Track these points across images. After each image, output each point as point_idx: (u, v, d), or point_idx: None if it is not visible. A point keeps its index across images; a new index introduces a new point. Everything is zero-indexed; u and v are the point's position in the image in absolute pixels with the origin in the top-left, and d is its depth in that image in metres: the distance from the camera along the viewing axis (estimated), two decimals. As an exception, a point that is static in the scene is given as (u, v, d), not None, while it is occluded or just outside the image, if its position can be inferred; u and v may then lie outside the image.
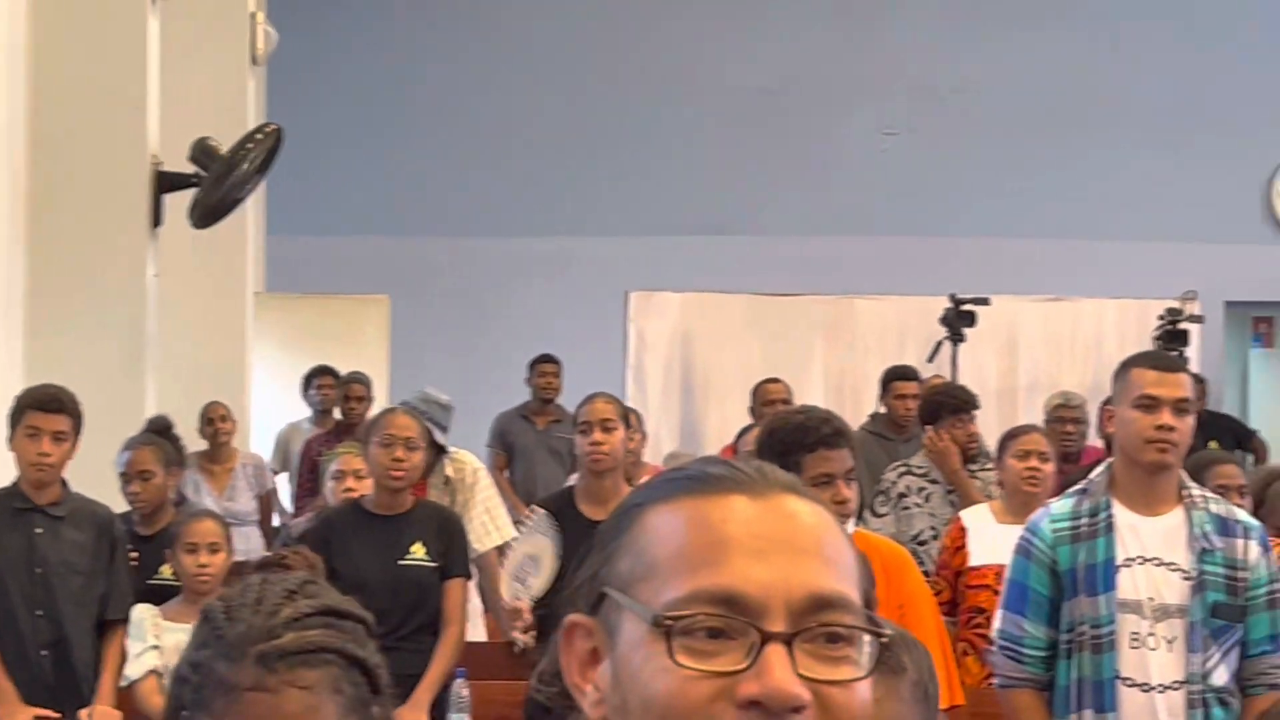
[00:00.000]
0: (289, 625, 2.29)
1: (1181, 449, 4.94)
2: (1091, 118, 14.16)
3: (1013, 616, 4.95)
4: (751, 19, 14.29)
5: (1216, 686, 4.84)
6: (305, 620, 2.31)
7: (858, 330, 14.10)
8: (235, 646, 2.28)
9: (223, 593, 2.47)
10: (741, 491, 1.50)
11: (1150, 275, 13.76)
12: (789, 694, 1.41)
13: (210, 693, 2.29)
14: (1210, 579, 4.83)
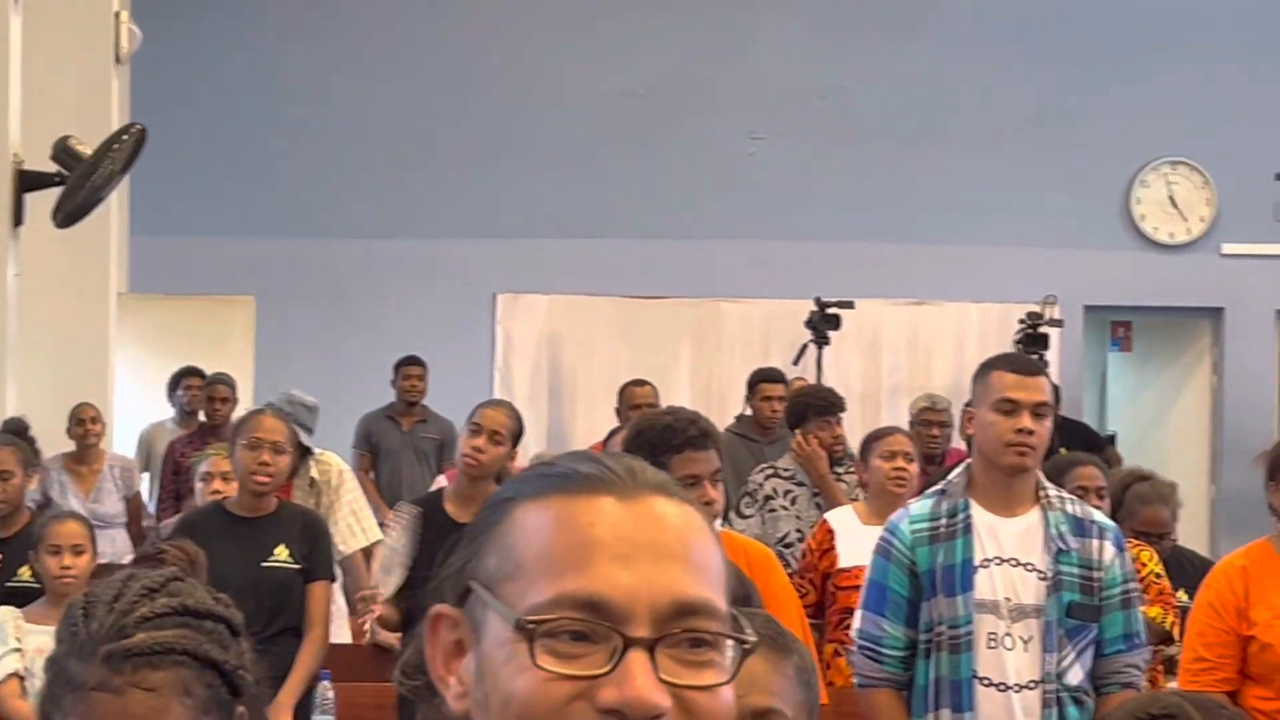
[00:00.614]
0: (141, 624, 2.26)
1: (1039, 452, 4.98)
2: (954, 126, 14.27)
3: (872, 617, 4.97)
4: (618, 24, 14.28)
5: (1071, 685, 4.89)
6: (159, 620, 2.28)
7: (724, 333, 14.13)
8: (86, 644, 2.25)
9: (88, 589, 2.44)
10: (610, 492, 1.49)
11: (1011, 280, 13.90)
12: (648, 703, 1.41)
13: (60, 690, 2.26)
14: (1066, 579, 4.88)
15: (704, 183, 14.27)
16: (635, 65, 14.28)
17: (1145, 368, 15.32)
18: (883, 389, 13.79)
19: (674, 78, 14.32)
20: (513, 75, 14.19)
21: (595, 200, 14.22)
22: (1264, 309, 14.61)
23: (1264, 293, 14.48)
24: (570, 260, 14.08)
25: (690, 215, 14.23)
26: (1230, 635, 5.49)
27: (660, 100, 14.28)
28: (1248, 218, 14.17)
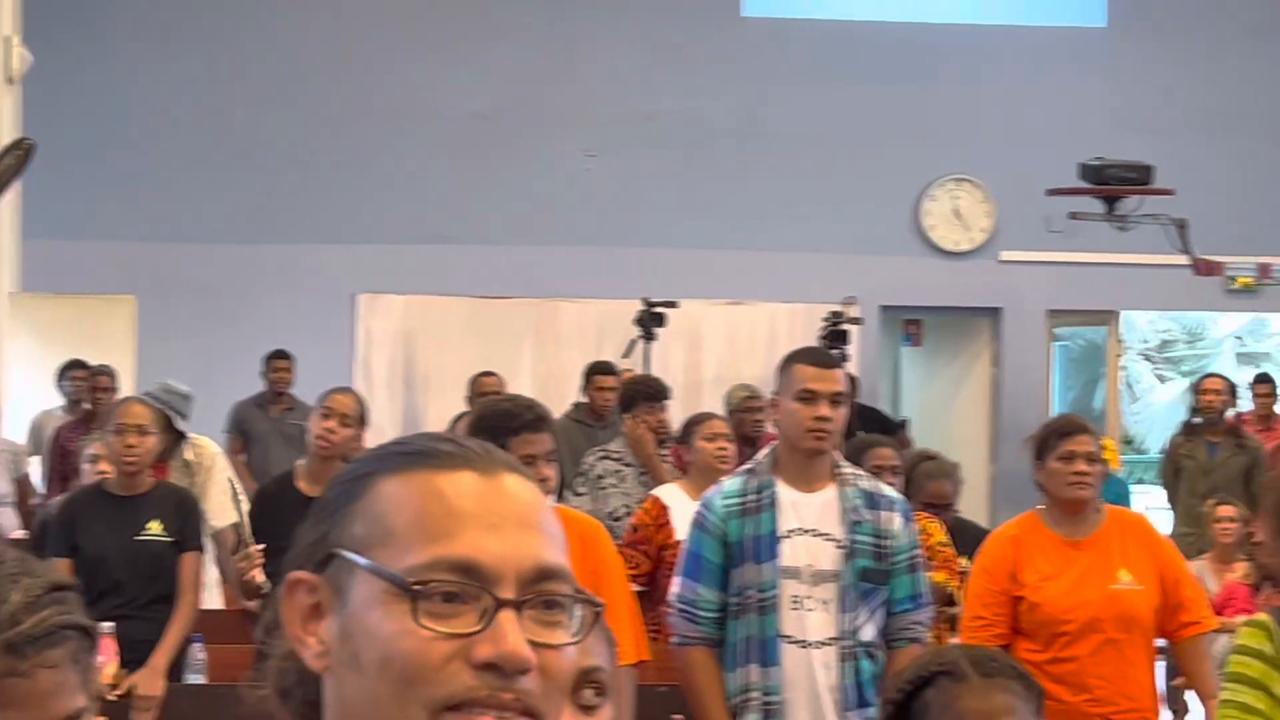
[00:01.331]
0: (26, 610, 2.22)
1: (835, 436, 5.02)
2: (764, 143, 14.34)
3: (689, 582, 4.98)
4: (466, 51, 14.23)
5: (865, 642, 4.93)
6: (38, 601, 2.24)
7: (562, 330, 14.11)
8: None
9: None
10: (470, 468, 1.47)
11: (815, 282, 13.98)
12: (520, 656, 1.40)
13: None
14: (860, 547, 4.92)
15: (544, 194, 14.26)
16: (481, 88, 14.23)
17: (933, 361, 15.47)
18: (703, 380, 13.82)
19: (516, 100, 14.29)
20: (373, 97, 14.10)
21: (447, 209, 14.15)
22: (1036, 309, 14.81)
23: (1036, 295, 14.68)
24: (424, 264, 14.01)
25: (532, 224, 14.21)
26: (1003, 596, 5.57)
27: (504, 120, 14.25)
28: (1023, 228, 14.34)
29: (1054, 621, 5.48)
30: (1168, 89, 14.57)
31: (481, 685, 1.40)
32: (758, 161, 14.32)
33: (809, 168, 14.36)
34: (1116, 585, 5.51)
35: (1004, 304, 14.75)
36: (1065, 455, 5.53)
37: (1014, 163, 14.18)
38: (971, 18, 14.60)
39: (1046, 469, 5.59)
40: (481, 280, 14.04)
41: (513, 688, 1.40)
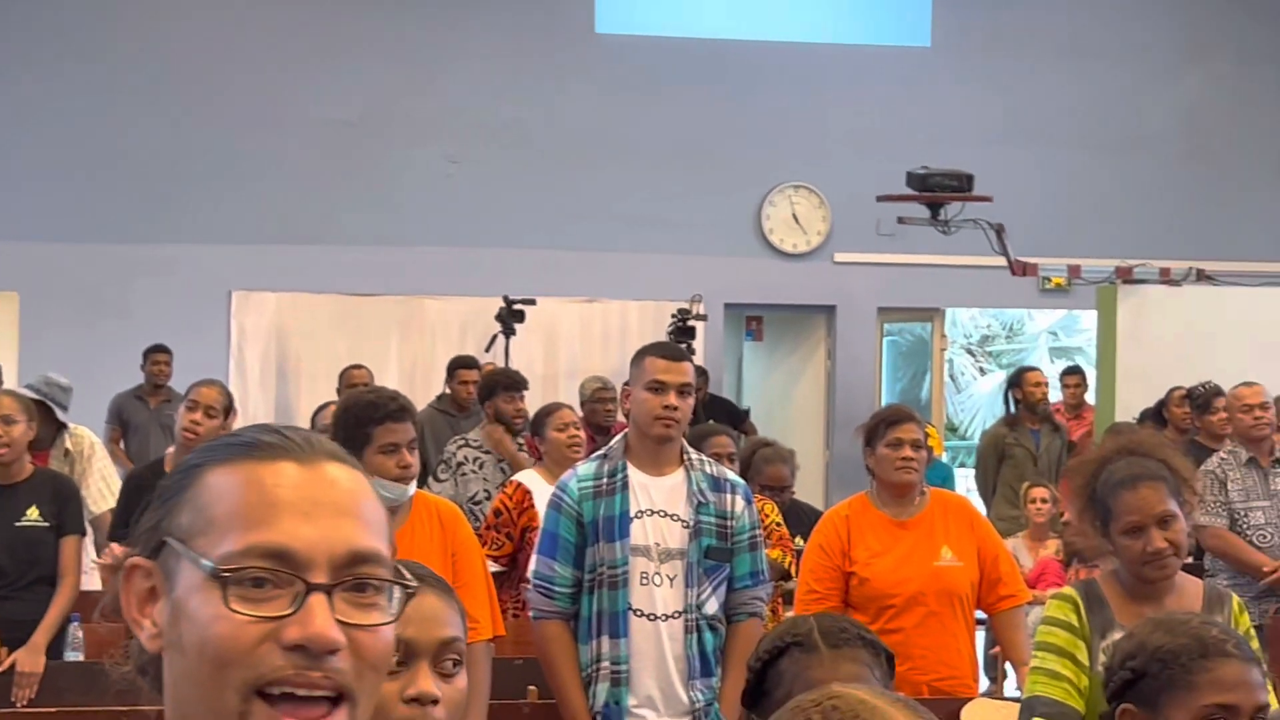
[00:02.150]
0: None
1: (683, 424, 5.04)
2: (617, 151, 14.36)
3: (546, 560, 4.98)
4: (337, 61, 14.11)
5: (708, 615, 4.96)
6: None
7: (426, 325, 14.06)
8: None
9: None
10: (291, 458, 1.46)
11: (665, 282, 14.02)
12: (326, 638, 1.39)
13: None
14: (705, 527, 4.95)
15: (409, 197, 14.19)
16: (350, 98, 14.13)
17: (773, 354, 15.58)
18: (559, 373, 13.83)
19: (382, 109, 14.21)
20: (247, 104, 13.95)
21: (317, 211, 14.03)
22: (868, 307, 14.96)
23: (867, 293, 14.83)
24: (295, 263, 13.88)
25: (398, 225, 14.13)
26: (836, 571, 5.64)
27: (371, 128, 14.17)
28: (855, 232, 14.49)
29: (882, 595, 5.55)
30: (986, 104, 14.79)
31: (289, 665, 1.39)
32: (610, 168, 14.34)
33: (658, 175, 14.41)
34: (939, 562, 5.59)
35: (838, 302, 14.87)
36: (893, 442, 5.60)
37: (847, 171, 14.30)
38: (809, 37, 14.70)
39: (876, 454, 5.66)
40: (350, 278, 13.96)
41: (321, 667, 1.40)
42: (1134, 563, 3.89)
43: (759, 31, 14.62)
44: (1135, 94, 15.04)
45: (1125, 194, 14.90)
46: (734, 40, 14.59)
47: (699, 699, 4.91)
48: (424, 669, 2.50)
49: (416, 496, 4.77)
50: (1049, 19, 14.97)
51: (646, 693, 4.88)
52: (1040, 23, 14.95)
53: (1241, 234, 14.99)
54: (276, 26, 14.12)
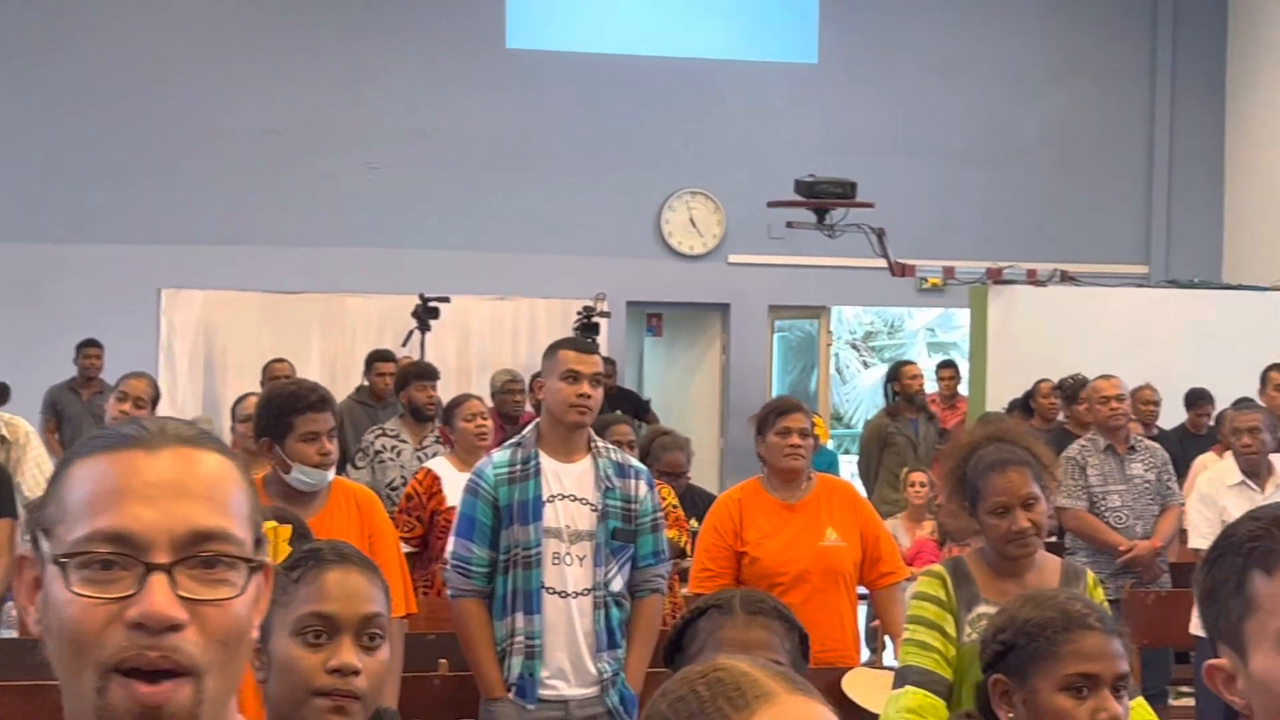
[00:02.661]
0: None
1: (594, 412, 5.05)
2: (528, 158, 14.36)
3: (463, 542, 4.97)
4: (263, 72, 14.00)
5: (614, 592, 4.98)
6: None
7: (347, 322, 13.99)
8: None
9: None
10: (141, 447, 1.46)
11: (571, 281, 14.04)
12: (162, 615, 1.38)
13: None
14: (611, 510, 4.97)
15: (332, 201, 14.12)
16: (275, 106, 14.03)
17: (672, 349, 15.62)
18: (472, 366, 13.81)
19: (306, 118, 14.12)
20: (178, 111, 13.81)
21: (243, 213, 13.93)
22: (760, 305, 15.05)
23: (759, 292, 14.91)
24: (222, 262, 13.78)
25: (320, 227, 14.06)
26: (728, 551, 5.66)
27: (295, 135, 14.08)
28: (748, 235, 14.57)
29: (771, 573, 5.56)
30: (869, 117, 14.92)
31: (131, 645, 1.39)
32: (521, 175, 14.33)
33: (565, 181, 14.42)
34: (824, 542, 5.62)
35: (732, 300, 14.94)
36: (782, 430, 5.63)
37: (740, 179, 14.38)
38: (705, 54, 14.76)
39: (766, 442, 5.69)
40: (274, 277, 13.87)
41: (160, 645, 1.39)
42: (999, 541, 3.95)
43: (659, 48, 14.67)
44: (1006, 110, 15.24)
45: (996, 201, 15.10)
46: (635, 56, 14.62)
47: (606, 670, 4.93)
48: (346, 642, 2.53)
49: (335, 483, 4.70)
50: (928, 40, 15.13)
51: (558, 665, 4.90)
52: (920, 43, 15.11)
53: (1101, 238, 15.25)
54: (208, 38, 13.99)
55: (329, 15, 14.22)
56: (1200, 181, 15.48)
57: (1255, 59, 15.03)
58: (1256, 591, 1.64)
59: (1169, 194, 15.52)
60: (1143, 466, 8.02)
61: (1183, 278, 13.96)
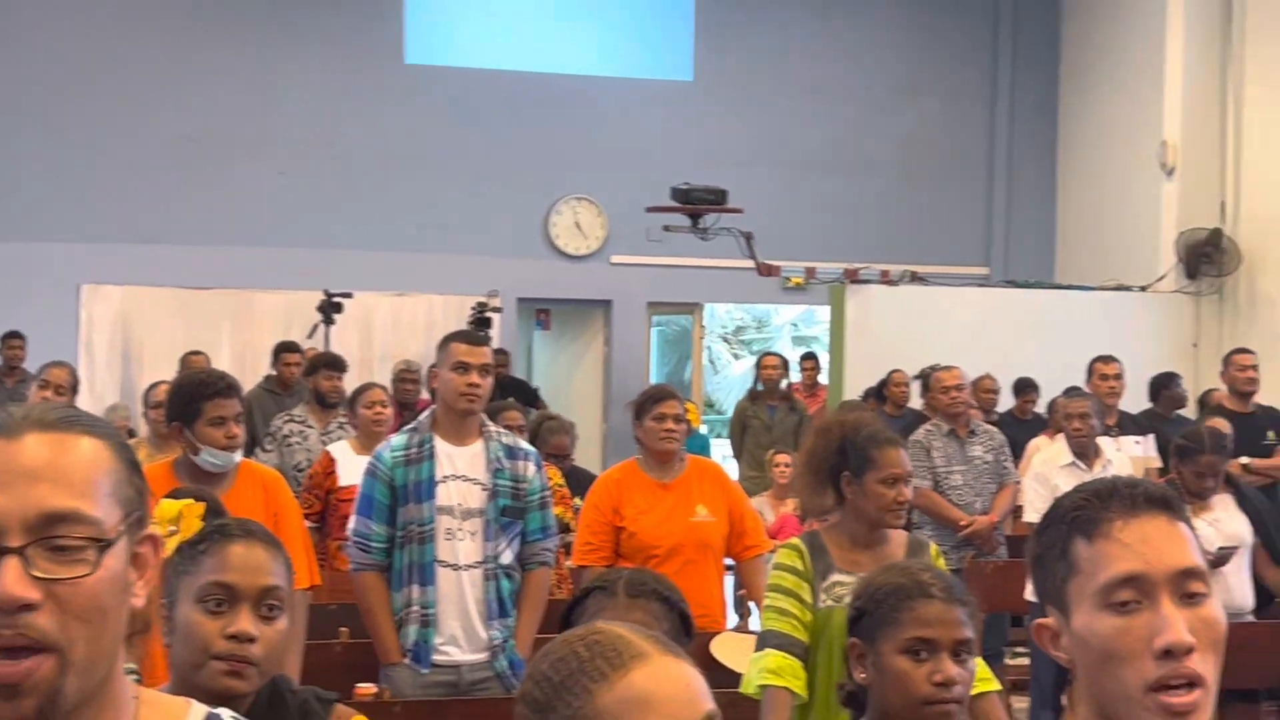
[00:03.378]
0: None
1: (484, 399, 5.02)
2: (425, 164, 14.27)
3: (363, 519, 4.94)
4: (182, 82, 13.80)
5: (504, 565, 4.96)
6: None
7: (256, 315, 13.82)
8: None
9: None
10: (2, 435, 1.41)
11: (465, 278, 13.96)
12: (12, 596, 1.34)
13: None
14: (501, 489, 4.95)
15: (242, 203, 13.94)
16: (191, 114, 13.83)
17: (559, 342, 15.60)
18: (374, 357, 13.71)
19: (219, 125, 13.93)
20: (100, 116, 13.58)
21: (160, 214, 13.71)
22: (639, 302, 15.08)
23: (639, 290, 14.94)
24: (139, 259, 13.56)
25: (231, 227, 13.88)
26: (608, 527, 5.68)
27: (209, 141, 13.89)
28: (628, 238, 14.58)
29: (647, 546, 5.59)
30: (739, 131, 15.00)
31: None
32: (419, 180, 14.25)
33: (460, 186, 14.36)
34: (695, 518, 5.65)
35: (614, 297, 14.96)
36: (657, 416, 5.66)
37: (621, 186, 14.38)
38: (591, 71, 14.76)
39: (643, 426, 5.71)
40: (188, 274, 13.69)
41: (14, 625, 1.35)
42: (883, 509, 3.96)
43: (548, 66, 14.64)
44: (862, 125, 15.39)
45: (853, 208, 15.24)
46: (526, 72, 14.58)
47: (496, 637, 4.91)
48: (244, 611, 2.51)
49: (242, 464, 4.65)
50: (793, 61, 15.23)
51: (451, 632, 4.88)
52: (785, 64, 15.21)
53: (947, 242, 15.45)
54: (130, 50, 13.75)
55: (243, 32, 14.03)
56: (1035, 192, 15.73)
57: (1085, 82, 15.31)
58: (1078, 556, 1.66)
59: (1007, 202, 15.77)
60: (982, 449, 8.12)
61: (1019, 278, 14.20)
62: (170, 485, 3.98)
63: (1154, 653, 1.59)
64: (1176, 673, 1.58)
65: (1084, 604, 1.65)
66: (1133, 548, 1.63)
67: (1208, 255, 13.15)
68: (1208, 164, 13.35)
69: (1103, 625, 1.62)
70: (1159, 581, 1.62)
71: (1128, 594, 1.62)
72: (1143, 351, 11.68)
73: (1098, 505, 1.67)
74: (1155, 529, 1.64)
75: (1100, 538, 1.65)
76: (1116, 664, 1.61)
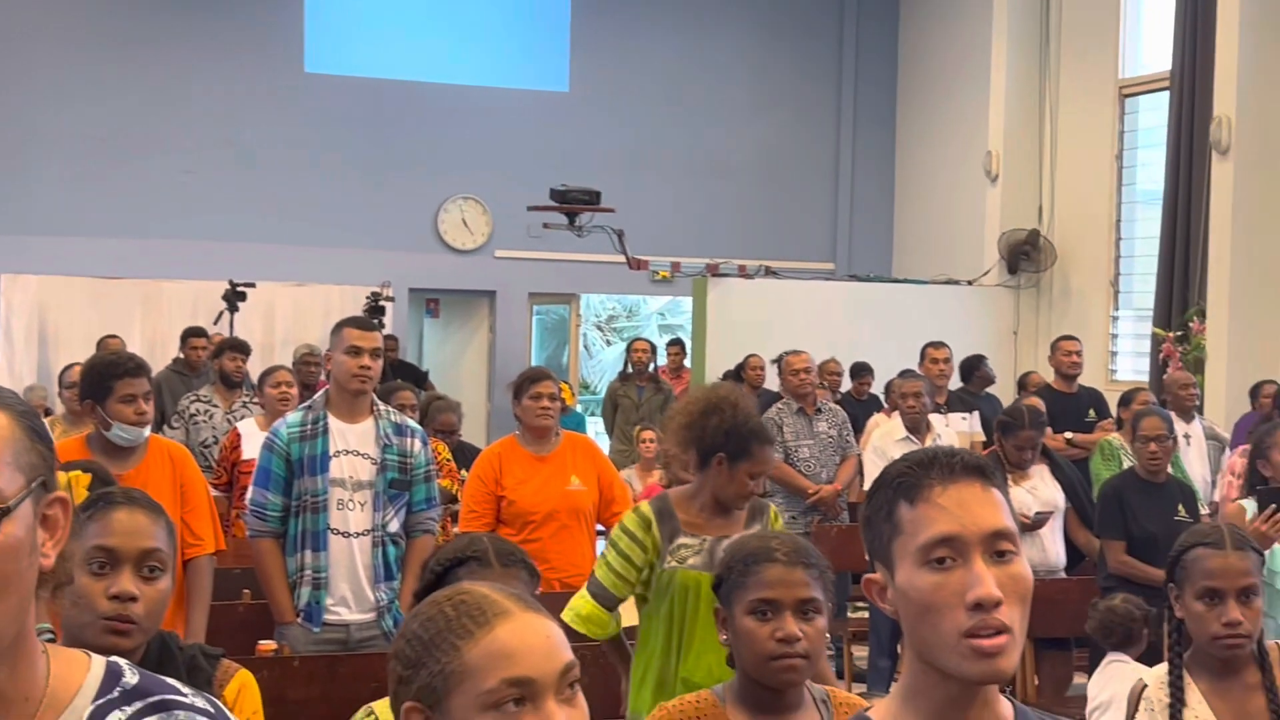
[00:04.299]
0: None
1: (374, 380, 4.93)
2: (324, 164, 14.09)
3: (260, 490, 4.86)
4: (95, 86, 13.48)
5: (391, 532, 4.90)
6: None
7: (164, 304, 13.54)
8: None
9: None
10: None
11: (361, 270, 13.84)
12: None
13: None
14: (389, 463, 4.88)
15: (153, 199, 13.65)
16: (105, 116, 13.53)
17: (448, 329, 15.52)
18: (276, 343, 13.49)
19: (132, 126, 13.64)
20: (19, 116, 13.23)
21: (77, 208, 13.38)
22: (521, 293, 15.03)
23: (521, 282, 14.89)
24: (56, 251, 13.21)
25: (143, 221, 13.59)
26: (490, 496, 5.66)
27: (123, 141, 13.59)
28: (511, 234, 14.53)
29: (525, 513, 5.59)
30: (611, 137, 14.99)
31: None
32: (318, 180, 14.07)
33: (356, 185, 14.20)
34: (569, 487, 5.65)
35: (498, 288, 14.89)
36: (534, 395, 5.64)
37: (505, 186, 14.32)
38: (476, 81, 14.66)
39: (521, 405, 5.68)
40: (102, 264, 13.38)
41: None
42: (741, 496, 3.96)
43: (438, 76, 14.52)
44: (722, 134, 15.46)
45: (714, 209, 15.32)
46: (417, 82, 14.45)
47: (383, 598, 4.86)
48: (126, 573, 2.46)
49: (151, 439, 4.59)
50: (660, 75, 15.25)
51: (341, 594, 4.81)
52: (653, 78, 15.23)
53: (797, 240, 15.59)
54: (48, 54, 13.40)
55: (154, 39, 13.73)
56: (875, 195, 15.93)
57: (919, 98, 15.52)
58: (901, 518, 1.67)
59: (850, 205, 15.94)
60: (827, 425, 8.20)
61: (861, 273, 14.38)
62: (83, 459, 3.91)
63: (966, 605, 1.60)
64: (986, 623, 1.60)
65: (906, 561, 1.65)
66: (949, 511, 1.64)
67: (1026, 253, 13.40)
68: (1027, 172, 13.60)
69: (922, 580, 1.63)
70: (972, 542, 1.62)
71: (944, 552, 1.63)
72: (969, 338, 11.88)
73: (919, 472, 1.67)
74: (970, 494, 1.65)
75: (921, 502, 1.65)
76: (934, 615, 1.62)
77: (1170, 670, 3.07)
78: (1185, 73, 11.53)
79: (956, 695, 1.64)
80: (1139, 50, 12.99)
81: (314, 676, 4.32)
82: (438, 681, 1.54)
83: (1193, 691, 3.05)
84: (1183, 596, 3.07)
